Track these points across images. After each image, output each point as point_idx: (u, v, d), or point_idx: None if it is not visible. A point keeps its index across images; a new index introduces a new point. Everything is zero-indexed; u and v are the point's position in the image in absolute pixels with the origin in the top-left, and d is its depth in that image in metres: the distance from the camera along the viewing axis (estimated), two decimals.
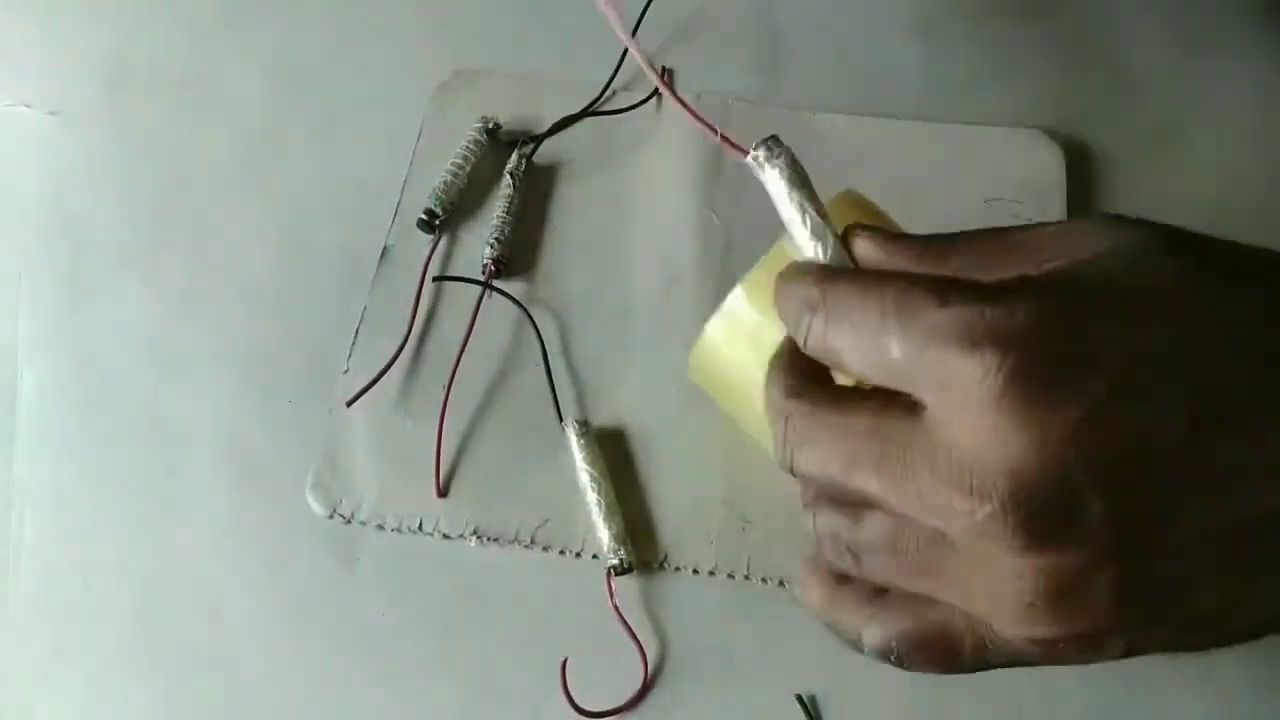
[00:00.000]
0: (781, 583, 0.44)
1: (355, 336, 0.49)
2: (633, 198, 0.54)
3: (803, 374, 0.31)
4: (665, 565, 0.45)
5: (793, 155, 0.32)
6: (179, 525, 0.46)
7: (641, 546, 0.45)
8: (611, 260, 0.52)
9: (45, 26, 0.60)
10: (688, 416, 0.48)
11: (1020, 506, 0.25)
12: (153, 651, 0.43)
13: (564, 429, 0.46)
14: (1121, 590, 0.25)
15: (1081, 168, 0.54)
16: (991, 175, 0.54)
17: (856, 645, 0.31)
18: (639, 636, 0.43)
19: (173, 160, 0.55)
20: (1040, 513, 0.25)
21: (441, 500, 0.46)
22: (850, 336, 0.28)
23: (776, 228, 0.50)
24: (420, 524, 0.45)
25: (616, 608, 0.43)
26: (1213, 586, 0.26)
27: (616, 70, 0.56)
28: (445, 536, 0.45)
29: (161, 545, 0.45)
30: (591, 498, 0.45)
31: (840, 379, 0.31)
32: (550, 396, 0.48)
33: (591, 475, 0.45)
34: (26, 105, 0.57)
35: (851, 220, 0.33)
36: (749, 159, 0.33)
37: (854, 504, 0.29)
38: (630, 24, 0.57)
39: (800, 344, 0.30)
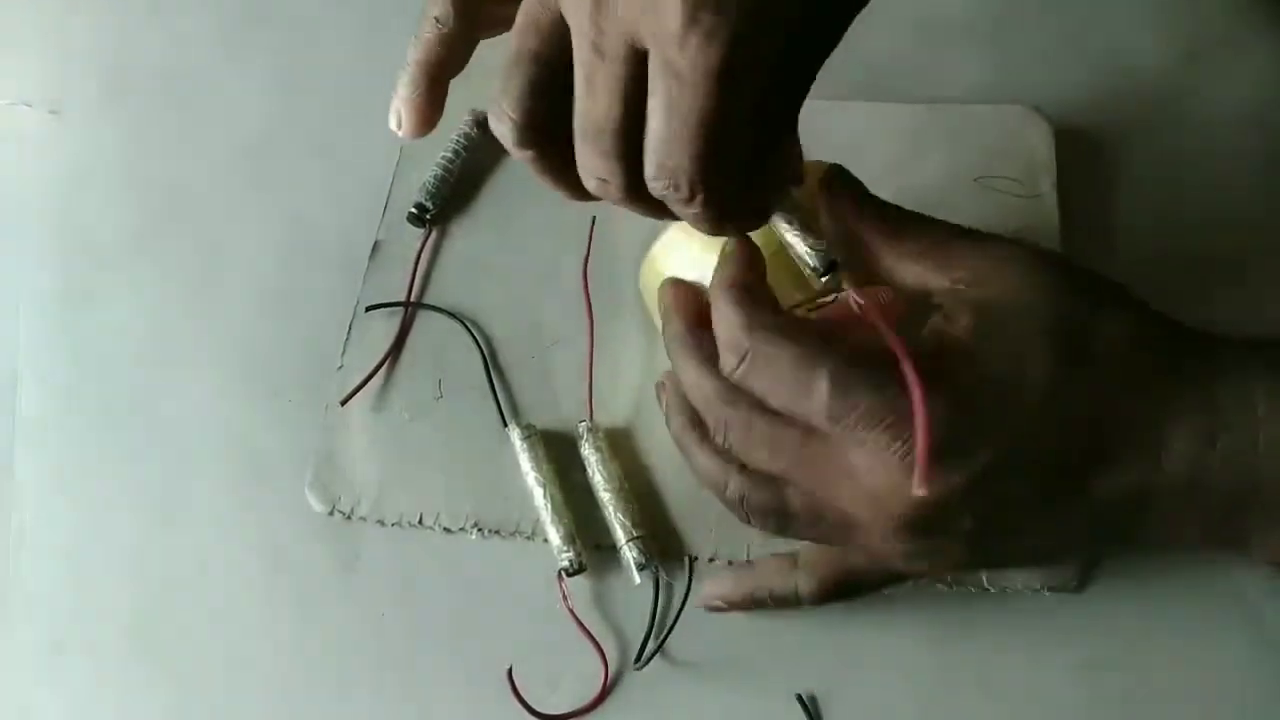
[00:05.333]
0: None
1: (348, 333, 0.47)
2: None
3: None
4: (667, 555, 0.42)
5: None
6: (179, 524, 0.44)
7: (653, 536, 0.42)
8: (604, 252, 0.49)
9: (45, 26, 0.58)
10: None
11: (908, 529, 0.32)
12: (153, 650, 0.42)
13: (508, 434, 0.44)
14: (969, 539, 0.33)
15: (1071, 144, 0.52)
16: (982, 153, 0.51)
17: (792, 599, 0.38)
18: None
19: (172, 160, 0.53)
20: (922, 533, 0.32)
21: (441, 495, 0.44)
22: (778, 388, 0.32)
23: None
24: (420, 519, 0.43)
25: (572, 610, 0.41)
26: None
27: None
28: (446, 530, 0.43)
29: (162, 544, 0.43)
30: (539, 500, 0.42)
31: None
32: (494, 402, 0.45)
33: (537, 478, 0.43)
34: (26, 105, 0.55)
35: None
36: None
37: (771, 482, 0.34)
38: None
39: (725, 373, 0.34)
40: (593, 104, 0.29)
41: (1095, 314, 0.33)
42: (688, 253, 0.39)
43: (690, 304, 0.37)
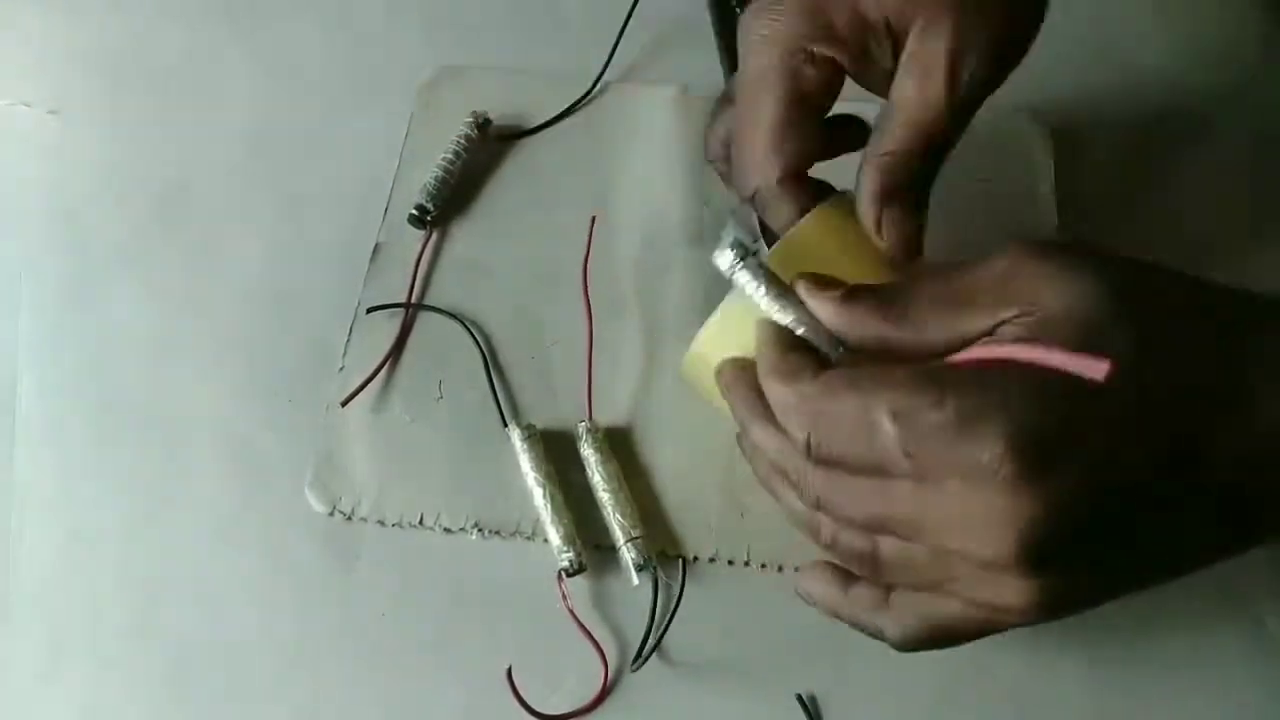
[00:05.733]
0: (780, 568, 0.42)
1: (349, 334, 0.47)
2: (624, 189, 0.51)
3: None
4: (666, 554, 0.42)
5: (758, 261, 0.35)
6: (179, 524, 0.44)
7: (651, 537, 0.42)
8: (603, 253, 0.49)
9: (45, 26, 0.58)
10: (684, 406, 0.45)
11: (1026, 556, 0.29)
12: (153, 651, 0.41)
13: (508, 434, 0.44)
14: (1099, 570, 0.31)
15: (1070, 146, 0.52)
16: (981, 154, 0.51)
17: (878, 636, 0.35)
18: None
19: (172, 160, 0.53)
20: (1040, 558, 0.29)
21: (441, 496, 0.43)
22: (848, 445, 0.31)
23: None
24: (420, 519, 0.43)
25: (572, 610, 0.41)
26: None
27: (608, 63, 0.54)
28: (447, 531, 0.43)
29: (161, 544, 0.43)
30: (539, 501, 0.42)
31: None
32: (494, 402, 0.45)
33: (537, 478, 0.43)
34: (26, 104, 0.54)
35: (826, 243, 0.36)
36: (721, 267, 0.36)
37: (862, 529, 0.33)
38: (618, 21, 0.55)
39: (798, 450, 0.32)
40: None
41: (1152, 292, 0.31)
42: (736, 339, 0.37)
43: (752, 377, 0.36)
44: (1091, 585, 0.31)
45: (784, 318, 0.34)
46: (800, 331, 0.34)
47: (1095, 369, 0.29)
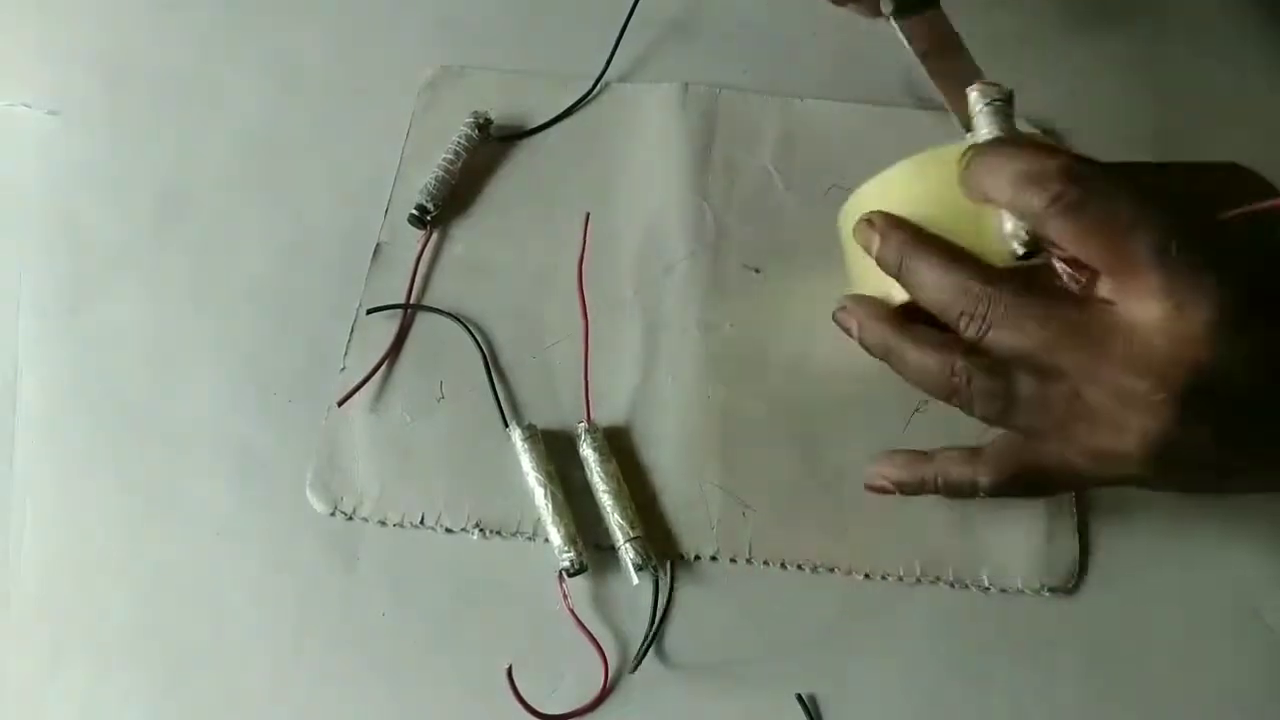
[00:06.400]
0: (783, 565, 0.42)
1: (350, 334, 0.47)
2: (625, 189, 0.51)
3: (987, 265, 0.35)
4: (666, 554, 0.42)
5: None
6: (179, 524, 0.43)
7: (651, 537, 0.42)
8: (604, 253, 0.49)
9: (45, 26, 0.57)
10: (685, 405, 0.45)
11: (1184, 396, 0.31)
12: (153, 651, 0.41)
13: (509, 434, 0.44)
14: (1217, 449, 0.33)
15: (1069, 148, 0.51)
16: None
17: (968, 488, 0.38)
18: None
19: (172, 160, 0.53)
20: (1195, 404, 0.31)
21: (442, 496, 0.43)
22: (1108, 226, 0.32)
23: (769, 216, 0.47)
24: (421, 519, 0.43)
25: (572, 610, 0.41)
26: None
27: (608, 63, 0.54)
28: (448, 531, 0.43)
29: (161, 544, 0.43)
30: (540, 501, 0.42)
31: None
32: (494, 402, 0.45)
33: (538, 478, 0.42)
34: (26, 105, 0.54)
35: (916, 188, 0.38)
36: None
37: (1009, 368, 0.35)
38: (618, 21, 0.54)
39: (1038, 207, 0.33)
40: None
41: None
42: (911, 189, 0.39)
43: (909, 223, 0.38)
44: (1207, 460, 0.33)
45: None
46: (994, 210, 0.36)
47: None
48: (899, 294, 0.38)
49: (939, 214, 0.37)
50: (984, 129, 0.37)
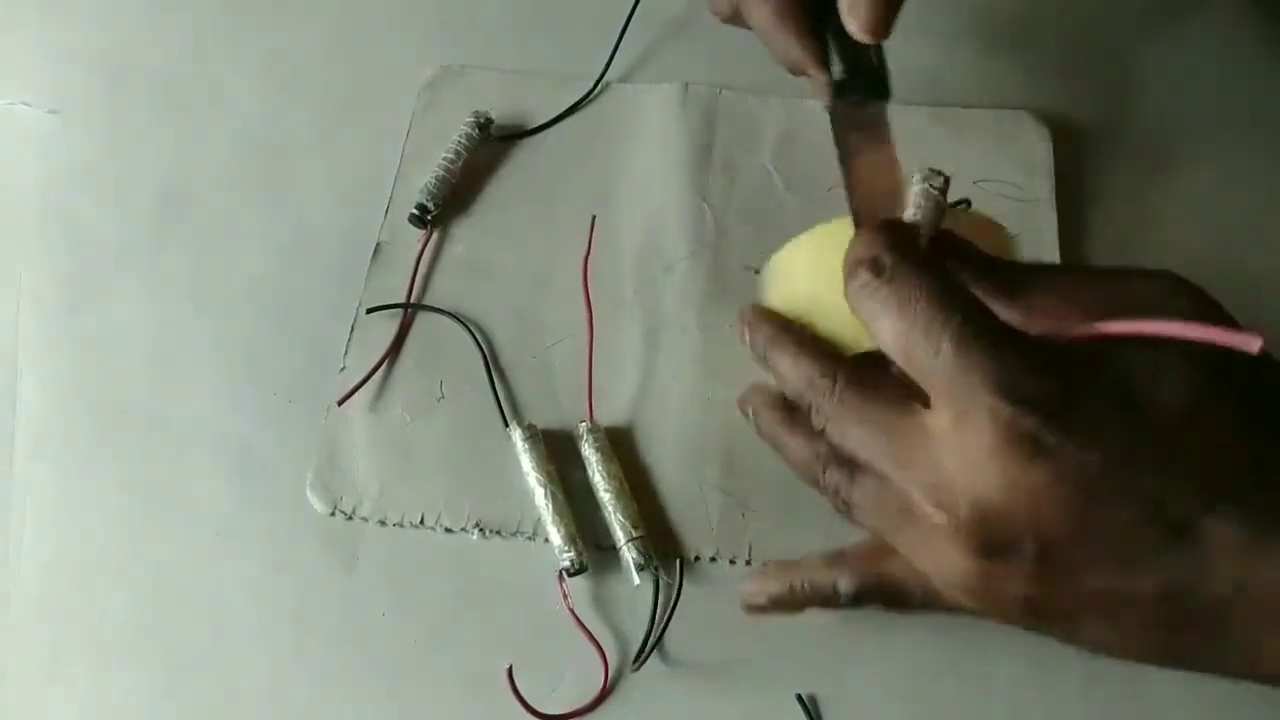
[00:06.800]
0: None
1: (350, 334, 0.47)
2: (625, 189, 0.51)
3: (833, 359, 0.35)
4: (666, 554, 0.42)
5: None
6: (179, 524, 0.43)
7: (651, 537, 0.42)
8: (604, 252, 0.49)
9: (45, 26, 0.57)
10: (685, 405, 0.45)
11: (972, 530, 0.29)
12: (153, 651, 0.41)
13: (509, 434, 0.44)
14: (1027, 602, 0.30)
15: (1070, 148, 0.52)
16: (981, 156, 0.51)
17: (830, 595, 0.36)
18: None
19: (172, 160, 0.52)
20: (986, 540, 0.29)
21: (442, 496, 0.43)
22: (901, 321, 0.31)
23: (769, 216, 0.47)
24: (421, 519, 0.43)
25: (572, 610, 0.40)
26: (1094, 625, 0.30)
27: (608, 63, 0.54)
28: (448, 531, 0.43)
29: (161, 545, 0.43)
30: (540, 500, 0.42)
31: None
32: (495, 402, 0.45)
33: (538, 478, 0.42)
34: (26, 105, 0.54)
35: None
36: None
37: (853, 464, 0.34)
38: (618, 21, 0.54)
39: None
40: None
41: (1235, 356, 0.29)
42: (809, 264, 0.38)
43: (776, 316, 0.38)
44: (1019, 600, 0.30)
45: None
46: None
47: (1250, 344, 0.28)
48: (866, 341, 0.36)
49: (830, 291, 0.35)
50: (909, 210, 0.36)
